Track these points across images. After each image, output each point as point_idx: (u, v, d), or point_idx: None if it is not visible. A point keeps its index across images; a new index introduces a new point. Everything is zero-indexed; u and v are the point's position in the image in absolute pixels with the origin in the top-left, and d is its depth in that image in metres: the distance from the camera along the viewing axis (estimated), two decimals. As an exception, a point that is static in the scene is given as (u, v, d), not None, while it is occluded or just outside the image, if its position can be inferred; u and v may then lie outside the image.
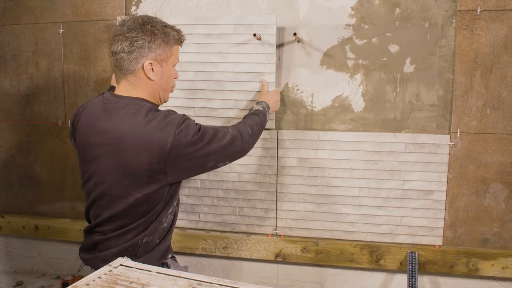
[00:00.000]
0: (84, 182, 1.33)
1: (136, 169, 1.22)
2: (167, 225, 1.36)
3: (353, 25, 1.71)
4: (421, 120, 1.70)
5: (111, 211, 1.27)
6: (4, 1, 2.08)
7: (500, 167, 1.66)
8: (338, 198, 1.80)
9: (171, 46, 1.31)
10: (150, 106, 1.27)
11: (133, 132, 1.21)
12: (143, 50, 1.25)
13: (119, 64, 1.27)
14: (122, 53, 1.25)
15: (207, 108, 1.83)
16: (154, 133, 1.20)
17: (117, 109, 1.25)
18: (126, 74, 1.28)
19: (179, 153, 1.21)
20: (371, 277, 1.85)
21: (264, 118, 1.55)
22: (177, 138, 1.20)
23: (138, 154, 1.20)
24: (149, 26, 1.26)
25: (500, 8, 1.59)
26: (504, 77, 1.62)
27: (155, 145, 1.19)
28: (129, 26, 1.26)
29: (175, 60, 1.35)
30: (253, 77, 1.78)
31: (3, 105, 2.16)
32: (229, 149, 1.33)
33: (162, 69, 1.30)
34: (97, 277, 0.96)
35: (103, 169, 1.26)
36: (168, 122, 1.22)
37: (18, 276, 2.24)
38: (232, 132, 1.35)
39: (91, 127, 1.29)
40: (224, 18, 1.77)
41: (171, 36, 1.30)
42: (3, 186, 2.21)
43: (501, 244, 1.70)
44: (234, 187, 1.88)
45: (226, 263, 1.98)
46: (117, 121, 1.24)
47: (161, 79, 1.31)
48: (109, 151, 1.24)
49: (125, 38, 1.25)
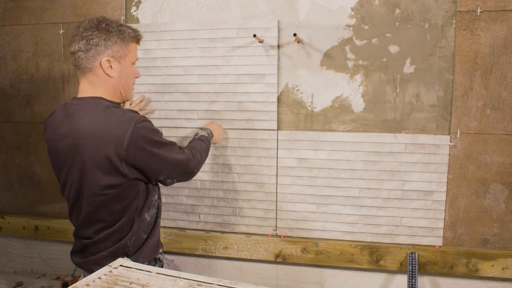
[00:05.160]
0: (61, 189, 1.35)
1: (99, 165, 1.22)
2: (151, 219, 1.37)
3: (353, 26, 1.71)
4: (421, 120, 1.70)
5: (85, 212, 1.29)
6: (5, 1, 2.08)
7: (500, 168, 1.66)
8: (338, 199, 1.80)
9: (127, 43, 1.33)
10: (108, 104, 1.28)
11: (91, 129, 1.22)
12: (99, 48, 1.27)
13: (78, 63, 1.29)
14: (80, 52, 1.27)
15: (211, 110, 1.85)
16: (112, 128, 1.21)
17: (77, 111, 1.27)
18: (85, 72, 1.30)
19: (136, 146, 1.22)
20: (371, 278, 1.85)
21: (209, 144, 1.59)
22: (135, 134, 1.21)
23: (97, 150, 1.21)
24: (104, 25, 1.28)
25: (500, 8, 1.59)
26: (504, 78, 1.62)
27: (112, 140, 1.20)
28: (84, 26, 1.28)
29: (134, 57, 1.37)
30: (255, 79, 1.80)
31: (3, 105, 2.16)
32: (182, 167, 1.36)
33: (121, 66, 1.32)
34: (97, 278, 0.96)
35: (71, 172, 1.27)
36: (127, 118, 1.23)
37: (18, 276, 2.24)
38: (188, 153, 1.38)
39: (56, 133, 1.30)
40: (227, 23, 1.80)
41: (126, 34, 1.32)
42: (3, 186, 2.21)
43: (501, 244, 1.70)
44: (234, 187, 1.88)
45: (226, 263, 1.98)
46: (76, 121, 1.25)
47: (121, 76, 1.33)
48: (73, 152, 1.25)
49: (81, 37, 1.27)
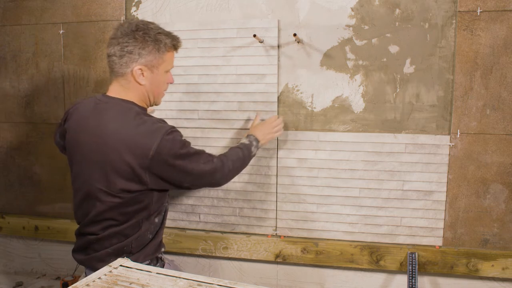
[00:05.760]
0: (73, 180, 1.36)
1: (119, 169, 1.24)
2: (158, 221, 1.39)
3: (353, 26, 1.71)
4: (421, 120, 1.70)
5: (96, 209, 1.29)
6: (5, 1, 2.08)
7: (500, 168, 1.66)
8: (338, 199, 1.80)
9: (163, 53, 1.33)
10: (138, 110, 1.29)
11: (120, 133, 1.23)
12: (133, 56, 1.28)
13: (111, 66, 1.31)
14: (114, 56, 1.29)
15: (211, 110, 1.85)
16: (141, 137, 1.22)
17: (106, 110, 1.28)
18: (117, 76, 1.31)
19: (160, 160, 1.23)
20: (371, 278, 1.85)
21: (248, 152, 1.53)
22: (162, 146, 1.22)
23: (122, 154, 1.22)
24: (141, 33, 1.28)
25: (500, 8, 1.59)
26: (504, 78, 1.62)
27: (139, 149, 1.22)
28: (122, 31, 1.29)
29: (168, 66, 1.37)
30: (255, 79, 1.80)
31: (3, 106, 2.16)
32: (208, 178, 1.35)
33: (153, 75, 1.32)
34: (97, 278, 0.96)
35: (90, 168, 1.28)
36: (156, 129, 1.24)
37: (18, 276, 2.24)
38: (216, 162, 1.36)
39: (81, 125, 1.31)
40: (227, 23, 1.80)
41: (163, 44, 1.32)
42: (3, 186, 2.21)
43: (501, 244, 1.70)
44: (234, 187, 1.88)
45: (226, 263, 1.98)
46: (105, 121, 1.26)
47: (152, 84, 1.33)
48: (95, 149, 1.26)
49: (117, 42, 1.28)
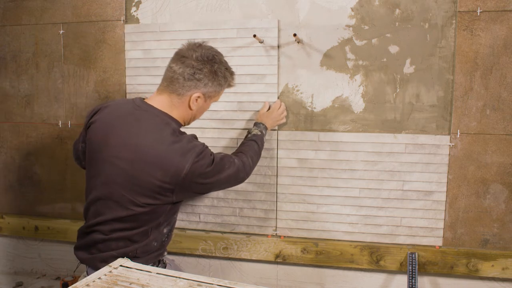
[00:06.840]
0: (91, 176, 1.34)
1: (148, 182, 1.25)
2: (166, 232, 1.41)
3: (353, 26, 1.71)
4: (421, 121, 1.70)
5: (114, 214, 1.29)
6: (5, 1, 2.08)
7: (500, 168, 1.66)
8: (338, 199, 1.80)
9: (222, 88, 1.38)
10: (176, 127, 1.31)
11: (155, 147, 1.24)
12: (199, 84, 1.31)
13: (172, 82, 1.31)
14: (180, 76, 1.30)
15: (211, 110, 1.84)
16: (176, 155, 1.24)
17: (144, 119, 1.28)
18: (173, 92, 1.32)
19: (191, 180, 1.26)
20: (371, 278, 1.85)
21: (262, 143, 1.61)
22: (194, 167, 1.24)
23: (154, 169, 1.24)
24: (215, 66, 1.32)
25: (500, 8, 1.59)
26: (504, 78, 1.62)
27: (173, 167, 1.23)
28: (198, 56, 1.30)
29: (218, 99, 1.43)
30: (255, 79, 1.80)
31: (3, 106, 2.16)
32: (233, 180, 1.40)
33: (204, 104, 1.37)
34: (97, 278, 0.96)
35: (115, 172, 1.28)
36: (190, 148, 1.26)
37: (18, 277, 2.24)
38: (238, 163, 1.40)
39: (113, 126, 1.31)
40: (227, 23, 1.80)
41: (227, 82, 1.38)
42: (3, 187, 2.21)
43: (501, 245, 1.69)
44: (234, 187, 1.87)
45: (226, 264, 1.98)
46: (141, 130, 1.27)
47: (198, 110, 1.38)
48: (126, 156, 1.26)
49: (191, 65, 1.29)
